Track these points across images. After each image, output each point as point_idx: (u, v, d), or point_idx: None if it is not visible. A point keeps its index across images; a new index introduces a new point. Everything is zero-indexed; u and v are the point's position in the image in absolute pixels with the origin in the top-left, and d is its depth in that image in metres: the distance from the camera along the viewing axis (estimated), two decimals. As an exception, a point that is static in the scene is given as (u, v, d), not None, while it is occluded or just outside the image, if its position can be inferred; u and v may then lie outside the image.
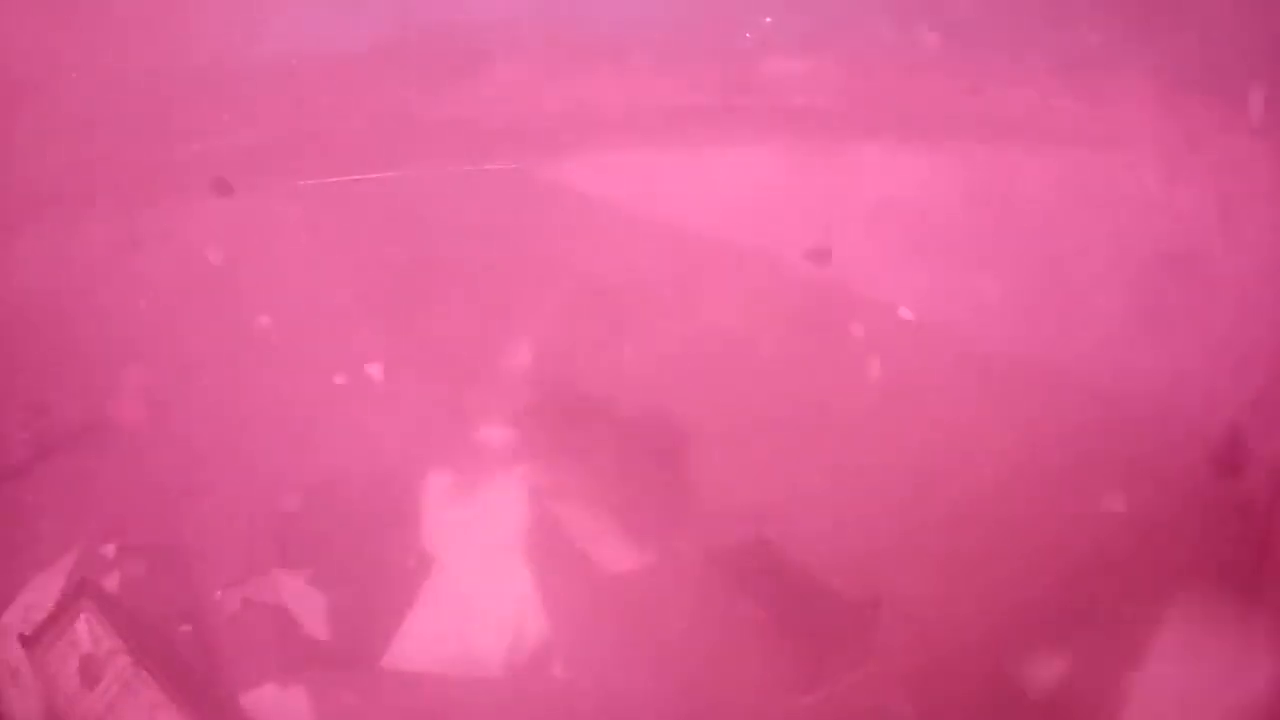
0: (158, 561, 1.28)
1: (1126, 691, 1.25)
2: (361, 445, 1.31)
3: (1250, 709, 1.23)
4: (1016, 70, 1.33)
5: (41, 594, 1.26)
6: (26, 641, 1.23)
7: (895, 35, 1.33)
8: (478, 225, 1.34)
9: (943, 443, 1.29)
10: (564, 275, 1.32)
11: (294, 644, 1.27)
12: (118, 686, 1.22)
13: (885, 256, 1.32)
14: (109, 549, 1.28)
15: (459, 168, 1.34)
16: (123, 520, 1.29)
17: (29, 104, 1.32)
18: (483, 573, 1.29)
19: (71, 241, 1.32)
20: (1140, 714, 1.24)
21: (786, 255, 1.32)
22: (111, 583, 1.27)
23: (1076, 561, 1.27)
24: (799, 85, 1.34)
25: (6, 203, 1.34)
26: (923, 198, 1.32)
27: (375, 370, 1.31)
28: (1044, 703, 1.26)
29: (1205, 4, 1.33)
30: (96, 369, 1.31)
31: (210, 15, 1.34)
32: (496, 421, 1.31)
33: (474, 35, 1.34)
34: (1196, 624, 1.25)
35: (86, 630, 1.23)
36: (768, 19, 1.34)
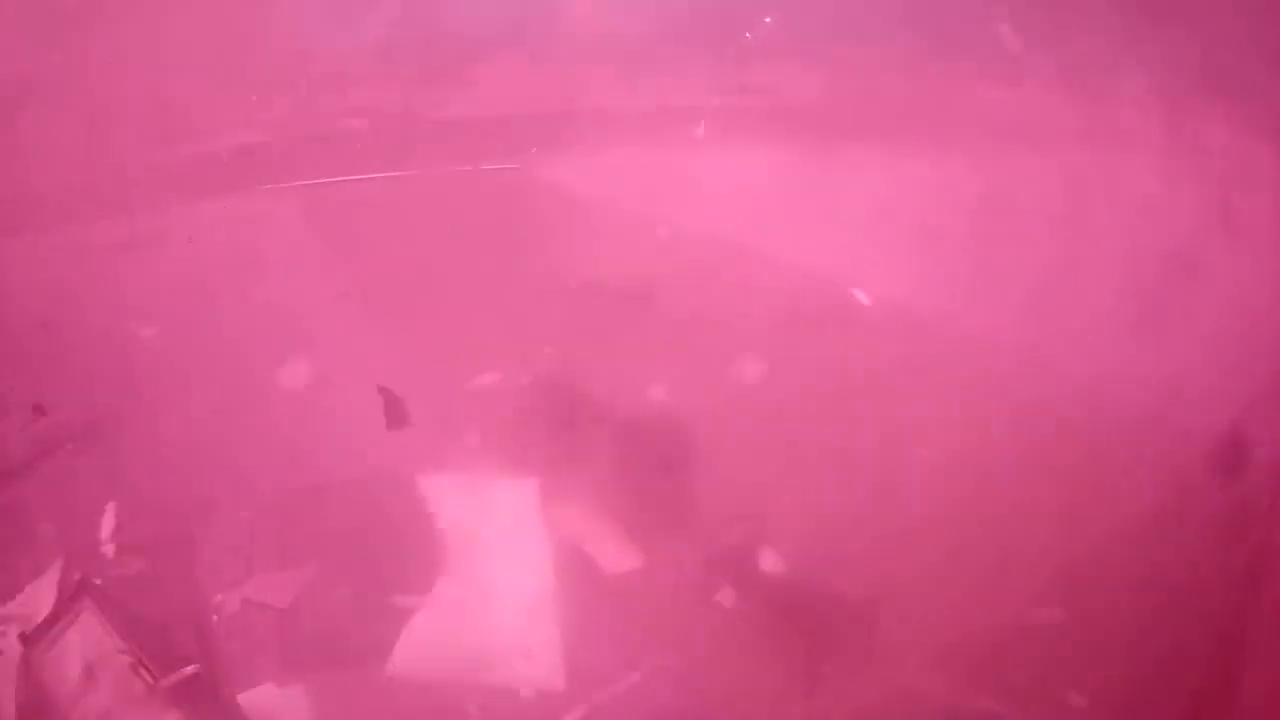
0: (158, 562, 1.28)
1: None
2: (362, 445, 1.31)
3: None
4: (1017, 71, 1.33)
5: (41, 594, 1.26)
6: (26, 641, 1.23)
7: (895, 35, 1.33)
8: (478, 225, 1.34)
9: (943, 443, 1.29)
10: (564, 276, 1.32)
11: (294, 644, 1.27)
12: (118, 686, 1.22)
13: (885, 257, 1.32)
14: (109, 549, 1.28)
15: (459, 168, 1.34)
16: (123, 520, 1.29)
17: (29, 104, 1.32)
18: (483, 574, 1.29)
19: (71, 241, 1.32)
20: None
21: (786, 255, 1.32)
22: (111, 583, 1.27)
23: (1076, 562, 1.27)
24: (799, 85, 1.34)
25: (6, 203, 1.34)
26: (922, 198, 1.32)
27: (375, 370, 1.31)
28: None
29: (1206, 5, 1.33)
30: (96, 369, 1.31)
31: (210, 16, 1.34)
32: (497, 422, 1.31)
33: (474, 35, 1.34)
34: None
35: (86, 630, 1.23)
36: (768, 19, 1.34)
